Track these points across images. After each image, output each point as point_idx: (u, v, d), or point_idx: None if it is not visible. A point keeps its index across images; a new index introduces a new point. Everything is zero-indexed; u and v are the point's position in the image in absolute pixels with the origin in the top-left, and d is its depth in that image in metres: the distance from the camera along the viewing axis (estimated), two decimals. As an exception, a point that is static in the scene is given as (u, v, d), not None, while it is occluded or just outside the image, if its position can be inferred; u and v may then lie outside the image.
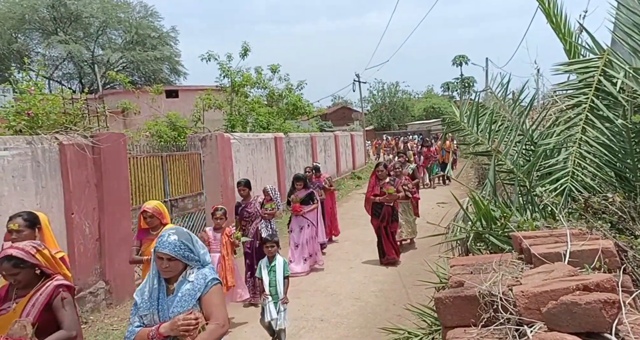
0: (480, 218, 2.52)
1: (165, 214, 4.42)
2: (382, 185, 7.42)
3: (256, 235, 6.21)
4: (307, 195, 7.52)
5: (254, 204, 6.42)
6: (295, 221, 7.52)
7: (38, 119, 5.79)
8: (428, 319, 2.55)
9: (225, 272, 5.24)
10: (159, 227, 4.30)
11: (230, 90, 13.26)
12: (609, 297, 1.25)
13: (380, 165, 7.75)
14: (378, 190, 7.45)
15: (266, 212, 6.42)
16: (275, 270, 4.82)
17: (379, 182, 7.50)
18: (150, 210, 4.29)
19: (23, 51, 26.80)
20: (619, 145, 2.52)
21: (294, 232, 7.48)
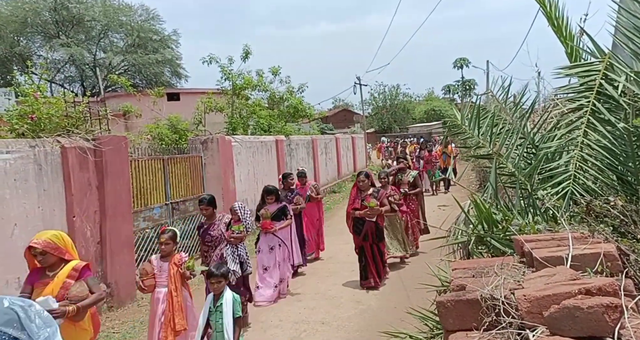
0: (481, 221, 2.52)
1: (66, 247, 3.34)
2: (363, 198, 6.45)
3: None
4: (279, 210, 6.39)
5: (218, 226, 5.36)
6: (264, 240, 6.40)
7: (40, 122, 5.80)
8: (430, 323, 2.54)
9: (172, 312, 4.21)
10: (58, 265, 3.31)
11: (232, 93, 13.29)
12: (611, 302, 1.24)
13: (361, 175, 6.66)
14: (359, 203, 6.49)
15: (232, 235, 5.35)
16: (222, 310, 3.90)
17: (361, 194, 6.55)
18: (39, 246, 3.19)
19: (25, 54, 26.89)
20: (621, 148, 2.52)
21: (262, 253, 6.37)
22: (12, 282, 5.00)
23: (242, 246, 5.45)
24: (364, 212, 6.38)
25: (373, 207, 6.32)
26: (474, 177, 15.40)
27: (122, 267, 6.41)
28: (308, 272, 7.65)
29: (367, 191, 6.53)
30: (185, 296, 4.38)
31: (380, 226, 6.58)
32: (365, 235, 6.46)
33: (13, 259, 4.99)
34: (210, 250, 5.36)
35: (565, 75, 2.96)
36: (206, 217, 5.48)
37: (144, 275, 4.32)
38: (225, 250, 5.30)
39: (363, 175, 6.62)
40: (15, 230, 5.04)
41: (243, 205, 5.69)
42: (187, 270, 4.31)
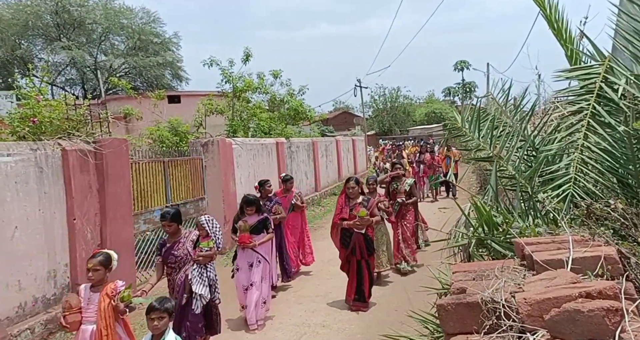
0: (482, 224, 2.52)
1: None
2: (352, 207, 5.80)
3: (183, 288, 4.53)
4: (260, 222, 5.64)
5: (184, 244, 4.61)
6: (242, 256, 5.63)
7: (42, 125, 5.82)
8: (430, 326, 2.53)
9: None
10: None
11: (232, 95, 13.31)
12: (611, 305, 1.24)
13: (350, 181, 5.91)
14: (347, 212, 5.80)
15: (200, 254, 4.53)
16: None
17: (349, 202, 5.89)
18: None
19: (26, 57, 26.97)
20: (621, 151, 2.52)
21: (241, 271, 5.60)
22: (13, 284, 4.99)
23: (211, 267, 4.66)
24: (352, 223, 5.64)
25: (363, 217, 5.53)
26: (475, 180, 15.40)
27: (123, 269, 6.38)
28: (308, 275, 7.64)
29: (356, 199, 5.84)
30: (120, 335, 3.60)
31: (370, 238, 5.89)
32: (353, 248, 5.75)
33: (13, 262, 4.99)
34: (174, 273, 4.61)
35: (566, 78, 2.96)
36: (169, 234, 4.69)
37: (67, 309, 3.52)
38: (191, 271, 4.50)
39: (352, 182, 5.88)
40: (16, 232, 5.04)
41: (211, 219, 4.86)
42: (121, 303, 3.52)
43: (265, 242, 5.66)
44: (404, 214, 7.49)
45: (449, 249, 2.89)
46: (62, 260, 5.65)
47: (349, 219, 5.74)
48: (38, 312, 5.26)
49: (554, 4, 3.09)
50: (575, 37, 3.12)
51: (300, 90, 16.34)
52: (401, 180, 7.65)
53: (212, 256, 4.62)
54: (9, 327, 4.89)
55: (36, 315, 5.21)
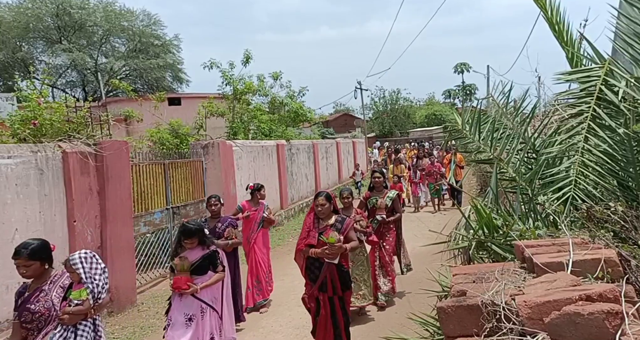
0: (482, 226, 2.52)
1: None
2: (322, 229, 4.41)
3: None
4: (205, 258, 4.21)
5: (47, 294, 3.20)
6: (179, 306, 4.13)
7: (42, 127, 5.83)
8: (430, 328, 2.53)
9: None
10: None
11: (233, 97, 13.33)
12: (612, 308, 1.24)
13: (320, 197, 4.49)
14: (315, 237, 4.39)
15: (66, 310, 3.10)
16: None
17: (318, 223, 4.48)
18: None
19: (27, 60, 27.03)
20: (621, 154, 2.52)
21: (174, 328, 4.06)
22: (12, 287, 4.99)
23: (85, 329, 3.15)
24: (321, 251, 4.27)
25: (334, 244, 4.21)
26: (475, 182, 15.38)
27: (123, 271, 6.41)
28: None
29: (327, 220, 4.47)
30: None
31: (345, 269, 4.47)
32: (324, 283, 4.34)
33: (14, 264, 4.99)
34: (31, 336, 3.13)
35: (566, 81, 2.97)
36: (28, 277, 3.25)
37: None
38: (50, 336, 3.07)
39: (322, 198, 4.45)
40: (16, 235, 5.04)
41: (89, 256, 3.33)
42: None
43: (212, 284, 4.21)
44: (383, 233, 6.23)
45: (449, 251, 2.89)
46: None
47: (318, 246, 4.33)
48: (38, 314, 5.25)
49: (556, 5, 3.10)
50: (576, 40, 3.12)
51: (300, 91, 16.38)
52: (382, 193, 6.39)
53: (84, 313, 3.13)
54: (8, 329, 4.88)
55: (36, 318, 5.20)
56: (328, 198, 4.51)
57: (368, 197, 6.45)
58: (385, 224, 6.27)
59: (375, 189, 6.47)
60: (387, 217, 6.23)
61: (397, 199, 6.52)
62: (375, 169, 7.51)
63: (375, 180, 6.46)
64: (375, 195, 6.40)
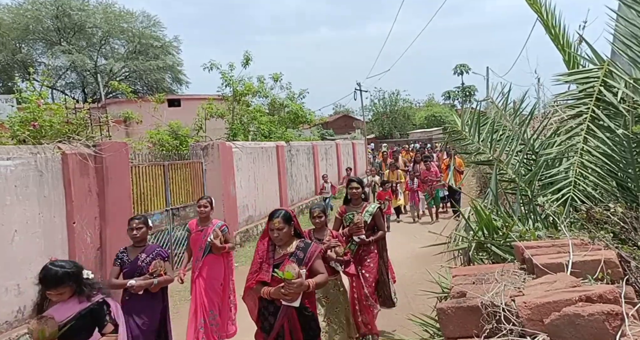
0: (482, 227, 2.52)
1: None
2: (279, 260, 3.31)
3: None
4: (83, 317, 2.82)
5: None
6: None
7: (42, 128, 5.83)
8: (430, 330, 2.53)
9: None
10: None
11: (232, 99, 13.34)
12: (612, 309, 1.24)
13: (276, 218, 3.30)
14: (269, 269, 3.27)
15: None
16: None
17: (274, 251, 3.37)
18: None
19: (27, 61, 27.04)
20: (621, 155, 2.53)
21: None
22: (12, 289, 4.98)
23: None
24: (277, 291, 3.13)
25: (292, 280, 3.02)
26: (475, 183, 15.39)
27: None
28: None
29: (286, 247, 3.35)
30: None
31: (309, 314, 3.33)
32: (280, 335, 3.24)
33: (13, 266, 4.99)
34: None
35: (565, 82, 2.97)
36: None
37: None
38: None
39: (279, 219, 3.28)
40: (16, 236, 5.04)
41: None
42: None
43: None
44: (362, 257, 5.02)
45: (449, 253, 2.89)
46: (62, 264, 5.64)
47: (273, 284, 3.18)
48: (37, 316, 5.24)
49: (551, 9, 3.11)
50: (574, 42, 3.13)
51: (301, 93, 16.41)
52: (360, 207, 5.11)
53: None
54: (7, 331, 4.88)
55: (35, 319, 5.19)
56: (286, 219, 3.31)
57: (343, 212, 5.16)
58: (365, 245, 4.99)
59: (352, 202, 5.16)
60: (367, 237, 4.97)
61: (379, 214, 5.18)
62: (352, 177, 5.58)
63: (353, 191, 5.12)
64: (352, 209, 5.10)
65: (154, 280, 3.99)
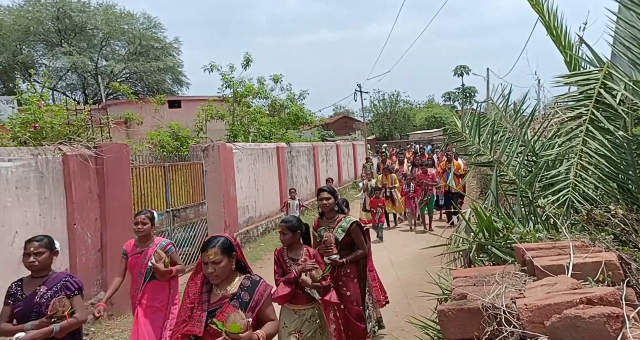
0: (482, 229, 2.52)
1: None
2: (214, 305, 2.57)
3: None
4: None
5: None
6: None
7: (43, 130, 5.84)
8: (431, 332, 2.53)
9: None
10: None
11: (233, 100, 13.35)
12: (612, 311, 1.24)
13: (211, 248, 2.53)
14: (200, 320, 2.52)
15: None
16: None
17: (209, 293, 2.62)
18: None
19: (28, 63, 27.08)
20: (621, 157, 2.53)
21: None
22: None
23: None
24: None
25: (238, 336, 2.28)
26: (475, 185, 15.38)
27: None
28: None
29: (226, 286, 2.62)
30: None
31: None
32: None
33: (13, 267, 4.99)
34: None
35: (565, 84, 2.98)
36: None
37: None
38: None
39: (216, 249, 2.54)
40: (16, 238, 5.04)
41: None
42: None
43: None
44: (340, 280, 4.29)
45: (450, 254, 2.89)
46: (62, 265, 5.64)
47: (207, 338, 2.48)
48: (38, 317, 5.25)
49: (553, 10, 3.11)
50: (575, 43, 3.14)
51: (301, 95, 16.42)
52: (333, 220, 4.36)
53: None
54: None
55: (36, 321, 5.19)
56: (225, 249, 2.55)
57: (317, 227, 4.45)
58: (339, 266, 4.16)
59: (324, 215, 4.43)
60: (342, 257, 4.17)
61: (358, 230, 4.35)
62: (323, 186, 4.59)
63: (323, 203, 4.36)
64: (325, 224, 4.38)
65: (54, 326, 2.96)
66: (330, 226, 4.36)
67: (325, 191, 4.46)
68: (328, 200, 4.38)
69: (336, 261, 4.15)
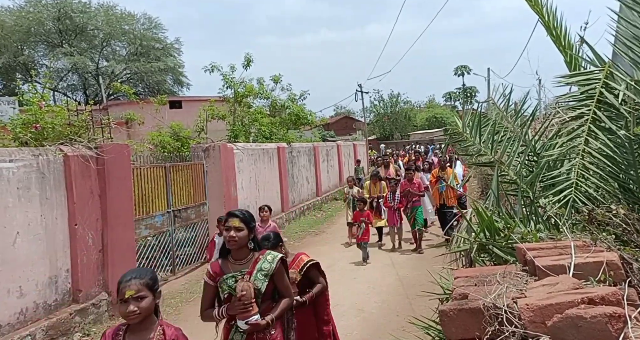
0: (483, 229, 2.52)
1: None
2: None
3: None
4: None
5: None
6: None
7: (44, 130, 5.85)
8: (432, 332, 2.53)
9: None
10: None
11: (233, 100, 13.36)
12: (614, 311, 1.24)
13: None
14: None
15: None
16: None
17: None
18: None
19: (29, 63, 27.13)
20: (622, 156, 2.52)
21: None
22: (14, 291, 4.99)
23: None
24: None
25: None
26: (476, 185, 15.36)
27: (124, 275, 6.41)
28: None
29: None
30: None
31: None
32: None
33: (15, 267, 5.00)
34: None
35: (566, 84, 2.97)
36: None
37: None
38: None
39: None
40: (18, 238, 5.05)
41: None
42: None
43: None
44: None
45: (451, 254, 2.89)
46: (64, 266, 5.65)
47: None
48: (39, 318, 5.25)
49: (552, 11, 3.11)
50: (575, 43, 3.13)
51: (302, 95, 16.42)
52: (247, 261, 2.88)
53: None
54: (9, 333, 4.88)
55: (37, 322, 5.20)
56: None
57: (217, 274, 2.93)
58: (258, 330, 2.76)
59: (231, 253, 2.92)
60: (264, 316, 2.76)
61: (281, 270, 2.90)
62: (234, 211, 2.93)
63: (230, 236, 2.83)
64: (235, 267, 2.89)
65: None
66: (242, 271, 2.83)
67: (236, 217, 2.77)
68: (238, 232, 2.75)
69: (258, 324, 2.72)
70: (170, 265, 8.01)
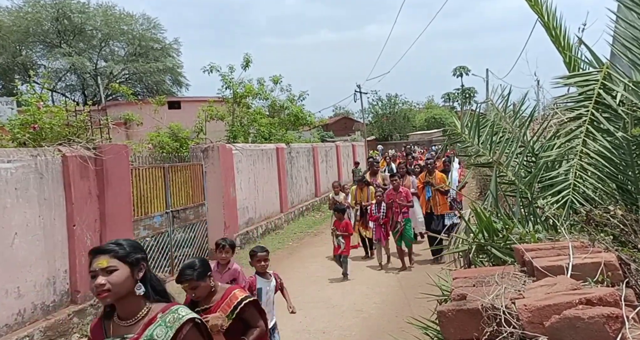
0: (482, 230, 2.52)
1: None
2: None
3: None
4: None
5: None
6: None
7: (42, 131, 5.84)
8: (431, 332, 2.53)
9: None
10: None
11: (232, 101, 13.36)
12: (612, 312, 1.24)
13: None
14: None
15: None
16: None
17: None
18: None
19: (27, 64, 27.10)
20: (620, 157, 2.53)
21: None
22: (12, 291, 4.98)
23: None
24: None
25: None
26: (475, 185, 15.38)
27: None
28: (309, 281, 7.62)
29: None
30: None
31: None
32: None
33: (13, 268, 4.99)
34: None
35: (564, 85, 2.98)
36: None
37: None
38: None
39: None
40: (16, 239, 5.04)
41: None
42: None
43: None
44: None
45: (449, 255, 2.89)
46: (62, 267, 5.64)
47: None
48: (37, 319, 5.24)
49: (552, 11, 3.11)
50: (574, 44, 3.14)
51: (301, 95, 16.43)
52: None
53: None
54: (7, 334, 4.87)
55: (35, 322, 5.19)
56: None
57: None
58: None
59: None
60: None
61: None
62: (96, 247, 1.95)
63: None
64: None
65: None
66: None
67: (104, 254, 1.86)
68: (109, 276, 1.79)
69: None
70: (169, 266, 7.99)
